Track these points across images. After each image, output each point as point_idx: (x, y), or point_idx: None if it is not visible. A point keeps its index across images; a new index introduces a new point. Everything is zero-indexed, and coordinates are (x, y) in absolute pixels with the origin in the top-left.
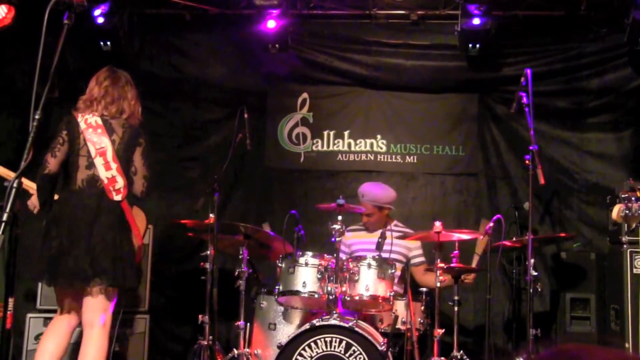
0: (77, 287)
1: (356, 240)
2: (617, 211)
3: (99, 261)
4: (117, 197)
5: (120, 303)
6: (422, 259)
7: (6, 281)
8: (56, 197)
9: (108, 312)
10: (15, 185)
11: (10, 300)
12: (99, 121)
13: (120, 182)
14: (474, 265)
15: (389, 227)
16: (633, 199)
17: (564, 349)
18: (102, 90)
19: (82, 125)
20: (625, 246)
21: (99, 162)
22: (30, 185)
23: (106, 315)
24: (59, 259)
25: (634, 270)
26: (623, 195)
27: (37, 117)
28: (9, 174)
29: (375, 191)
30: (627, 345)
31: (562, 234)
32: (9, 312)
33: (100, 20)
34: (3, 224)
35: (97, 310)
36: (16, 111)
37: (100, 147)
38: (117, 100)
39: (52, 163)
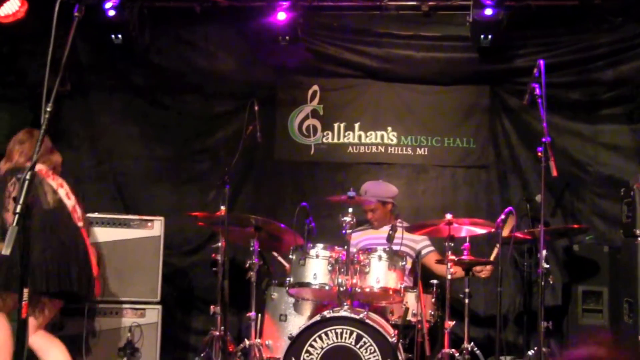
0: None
1: (363, 237)
2: None
3: (84, 275)
4: (80, 224)
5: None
6: (431, 248)
7: (21, 271)
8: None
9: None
10: (28, 177)
11: (25, 291)
12: (47, 167)
13: (79, 212)
14: (493, 256)
15: (398, 222)
16: None
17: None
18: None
19: (36, 167)
20: (639, 239)
21: (62, 192)
22: None
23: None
24: (35, 268)
25: None
26: None
27: (48, 109)
28: None
29: (376, 187)
30: None
31: (574, 226)
32: (24, 302)
33: (111, 13)
34: (17, 216)
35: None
36: (29, 104)
37: (58, 182)
38: (49, 152)
39: (8, 218)
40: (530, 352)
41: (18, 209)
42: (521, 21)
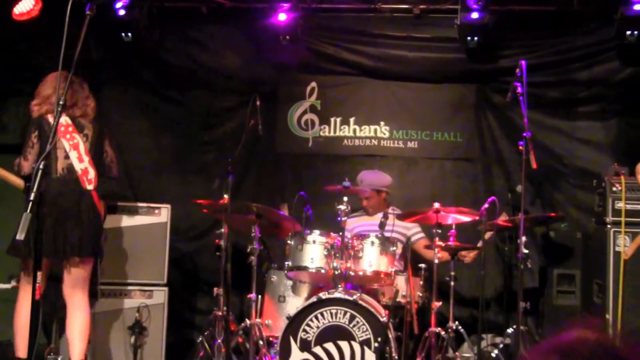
0: (68, 259)
1: (358, 224)
2: None
3: (86, 236)
4: (89, 187)
5: (95, 274)
6: (421, 234)
7: (34, 255)
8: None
9: (87, 282)
10: (41, 167)
11: (39, 274)
12: (69, 121)
13: (92, 173)
14: (479, 243)
15: (391, 210)
16: None
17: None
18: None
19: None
20: (609, 226)
21: (73, 155)
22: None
23: (86, 284)
24: (44, 237)
25: (616, 249)
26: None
27: (61, 102)
28: (13, 180)
29: (371, 177)
30: (607, 316)
31: (552, 215)
32: (37, 284)
33: (122, 12)
34: (30, 204)
35: (80, 280)
36: None
37: (73, 142)
38: (81, 102)
39: (25, 166)
40: (510, 330)
41: (32, 197)
42: (505, 25)
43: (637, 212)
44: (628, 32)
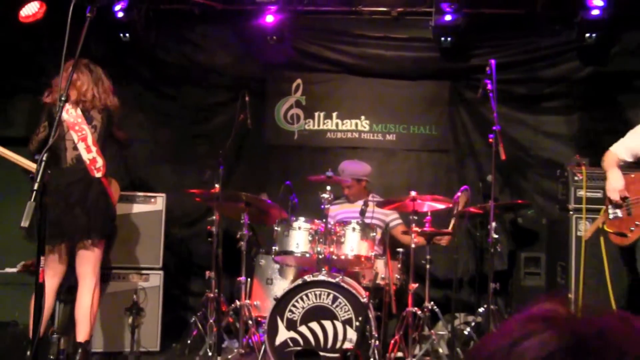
0: (78, 243)
1: (340, 211)
2: None
3: (94, 220)
4: (98, 175)
5: (106, 258)
6: (399, 221)
7: (38, 241)
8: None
9: (98, 264)
10: (44, 158)
11: (42, 258)
12: (79, 112)
13: (100, 161)
14: (450, 227)
15: (371, 197)
16: None
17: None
18: (92, 84)
19: (64, 116)
20: (571, 213)
21: (81, 146)
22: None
23: (97, 266)
24: (59, 223)
25: (578, 233)
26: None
27: (63, 98)
28: (25, 162)
29: (352, 166)
30: (570, 295)
31: (519, 202)
32: (41, 269)
33: (120, 14)
34: (34, 193)
35: (91, 263)
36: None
37: (81, 134)
38: (92, 91)
39: (31, 149)
40: (481, 309)
41: (35, 186)
42: (476, 26)
43: (597, 199)
44: (587, 35)
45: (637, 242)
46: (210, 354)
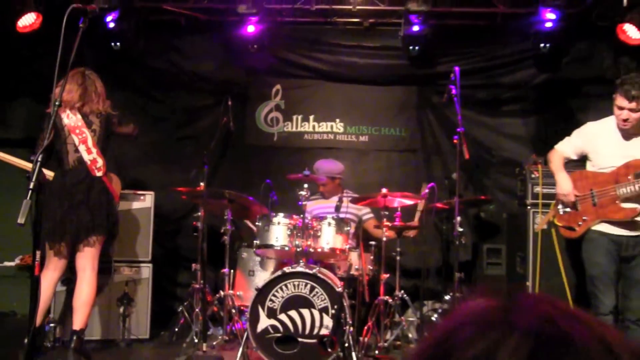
0: (81, 239)
1: (316, 206)
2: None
3: (97, 218)
4: (99, 174)
5: (106, 252)
6: (371, 215)
7: (34, 237)
8: (51, 175)
9: (97, 258)
10: (40, 159)
11: (37, 252)
12: (79, 116)
13: (100, 162)
14: (416, 220)
15: (345, 193)
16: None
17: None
18: (80, 90)
19: (65, 121)
20: (529, 207)
21: (82, 148)
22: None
23: (96, 261)
24: (64, 221)
25: (535, 226)
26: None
27: (57, 103)
28: (21, 163)
29: (327, 165)
30: (528, 283)
31: (482, 198)
32: (36, 262)
33: (112, 25)
34: (30, 191)
35: (91, 257)
36: (41, 99)
37: (82, 137)
38: (87, 97)
39: (39, 146)
40: (447, 297)
41: (31, 186)
42: (441, 36)
43: (552, 195)
44: (542, 45)
45: (584, 235)
46: (196, 340)
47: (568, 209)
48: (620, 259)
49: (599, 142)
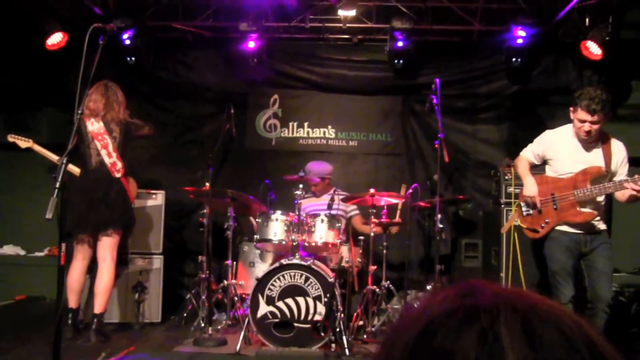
0: (101, 231)
1: (309, 204)
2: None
3: (115, 214)
4: (118, 175)
5: (123, 245)
6: (357, 212)
7: (59, 231)
8: (77, 171)
9: (115, 249)
10: (64, 161)
11: (63, 245)
12: (101, 123)
13: (119, 165)
14: (397, 217)
15: (336, 192)
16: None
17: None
18: (104, 100)
19: (89, 127)
20: (502, 206)
21: (103, 152)
22: (73, 168)
23: (114, 252)
24: (87, 214)
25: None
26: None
27: (79, 112)
28: (51, 155)
29: (316, 167)
30: (502, 274)
31: (460, 197)
32: (62, 253)
33: (127, 42)
34: (57, 190)
35: (110, 248)
36: (67, 108)
37: (103, 142)
38: (109, 107)
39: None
40: (429, 287)
41: (57, 185)
42: (423, 51)
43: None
44: (513, 59)
45: (546, 234)
46: (202, 324)
47: (531, 211)
48: (581, 255)
49: (557, 149)
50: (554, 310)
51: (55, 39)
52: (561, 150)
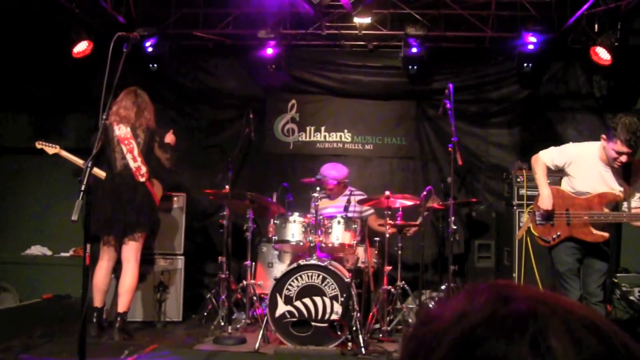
0: (127, 234)
1: (323, 206)
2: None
3: (141, 217)
4: (142, 179)
5: (148, 246)
6: (372, 211)
7: (84, 232)
8: (103, 175)
9: (140, 251)
10: (89, 165)
11: (88, 245)
12: (128, 129)
13: (144, 169)
14: (419, 220)
15: (353, 192)
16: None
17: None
18: (135, 109)
19: (117, 132)
20: (514, 208)
21: (129, 157)
22: (98, 172)
23: (139, 253)
24: (112, 217)
25: (520, 224)
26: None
27: (104, 117)
28: (78, 161)
29: (332, 173)
30: (514, 275)
31: (473, 200)
32: (87, 254)
33: (150, 49)
34: (82, 193)
35: (134, 250)
36: (92, 114)
37: (129, 147)
38: (139, 114)
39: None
40: (443, 287)
41: (82, 187)
42: (437, 57)
43: (535, 196)
44: (524, 65)
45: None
46: (222, 323)
47: (544, 222)
48: (583, 256)
49: (579, 167)
50: (588, 313)
51: (81, 47)
52: (584, 169)
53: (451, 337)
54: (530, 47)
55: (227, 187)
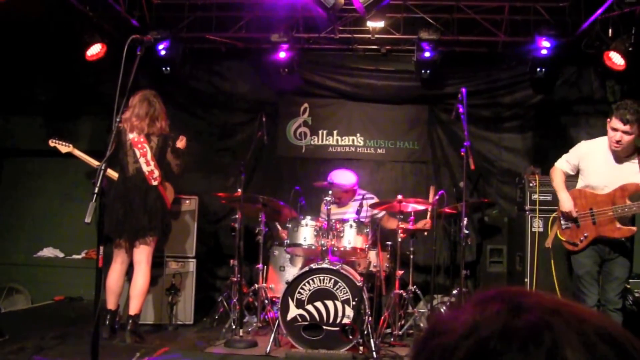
0: (139, 238)
1: (334, 211)
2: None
3: (152, 221)
4: (155, 183)
5: (160, 249)
6: (383, 213)
7: (98, 235)
8: (116, 176)
9: (151, 254)
10: (103, 167)
11: (101, 248)
12: (143, 134)
13: (156, 173)
14: (428, 217)
15: (364, 195)
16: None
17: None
18: (147, 120)
19: (130, 136)
20: (527, 212)
21: (142, 160)
22: (111, 173)
23: (150, 256)
24: (124, 220)
25: (532, 229)
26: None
27: (117, 120)
28: (90, 160)
29: (339, 182)
30: (526, 280)
31: (485, 200)
32: (100, 256)
33: (163, 52)
34: (95, 195)
35: (146, 253)
36: (105, 116)
37: (142, 151)
38: (152, 124)
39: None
40: (455, 291)
41: (96, 190)
42: (449, 61)
43: (547, 201)
44: (537, 69)
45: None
46: (234, 327)
47: (570, 225)
48: (603, 261)
49: (590, 160)
50: (603, 322)
51: (95, 50)
52: (594, 162)
53: (463, 352)
54: (544, 51)
55: (239, 190)
